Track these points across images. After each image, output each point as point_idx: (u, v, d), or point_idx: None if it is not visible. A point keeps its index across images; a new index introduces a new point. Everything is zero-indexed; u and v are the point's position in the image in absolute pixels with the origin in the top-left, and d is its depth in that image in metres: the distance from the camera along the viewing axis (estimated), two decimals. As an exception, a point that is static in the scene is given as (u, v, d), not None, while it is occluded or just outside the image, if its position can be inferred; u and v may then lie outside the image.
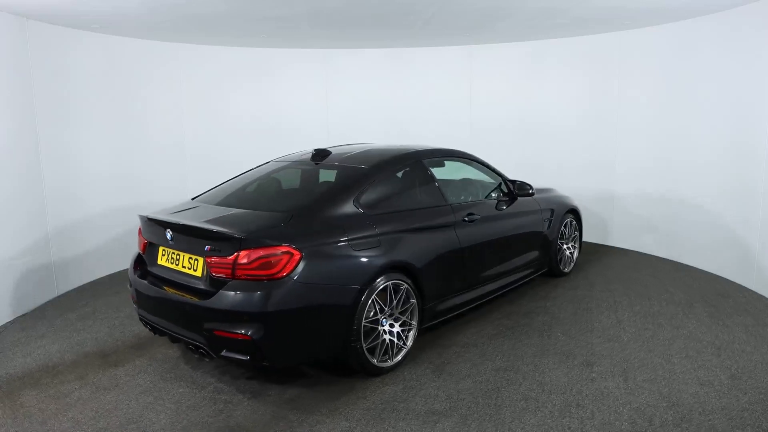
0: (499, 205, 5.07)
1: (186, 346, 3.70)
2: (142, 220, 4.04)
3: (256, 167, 4.94)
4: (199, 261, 3.58)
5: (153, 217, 3.92)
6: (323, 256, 3.55)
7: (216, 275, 3.46)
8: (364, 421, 3.30)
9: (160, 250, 3.90)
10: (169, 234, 3.74)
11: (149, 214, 4.03)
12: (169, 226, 3.75)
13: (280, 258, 3.38)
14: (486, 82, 7.76)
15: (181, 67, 7.08)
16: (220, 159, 7.22)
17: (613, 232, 7.26)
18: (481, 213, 4.75)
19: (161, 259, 3.88)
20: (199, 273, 3.59)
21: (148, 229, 3.99)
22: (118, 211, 6.37)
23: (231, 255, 3.38)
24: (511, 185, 5.28)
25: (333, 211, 3.81)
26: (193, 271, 3.63)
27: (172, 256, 3.79)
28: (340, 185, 4.14)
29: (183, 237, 3.69)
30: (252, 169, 4.92)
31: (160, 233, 3.81)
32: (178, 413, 3.45)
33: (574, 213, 6.09)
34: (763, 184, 5.17)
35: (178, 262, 3.74)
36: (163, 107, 6.94)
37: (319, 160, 4.58)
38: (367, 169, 4.21)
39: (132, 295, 4.09)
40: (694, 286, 5.61)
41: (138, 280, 3.95)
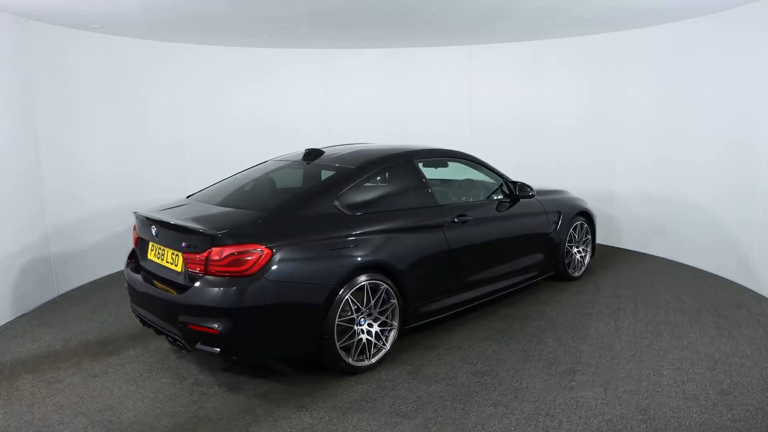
0: (499, 207, 5.02)
1: (166, 338, 3.82)
2: (136, 217, 4.18)
3: (252, 167, 4.98)
4: (179, 257, 3.67)
5: (142, 214, 4.05)
6: (296, 254, 3.60)
7: (191, 271, 3.56)
8: (327, 419, 3.32)
9: (149, 245, 4.02)
10: (154, 230, 3.87)
11: (141, 210, 4.15)
12: (154, 223, 3.87)
13: (251, 255, 3.43)
14: (486, 82, 7.76)
15: (181, 67, 7.09)
16: (220, 159, 7.22)
17: (613, 232, 7.26)
18: (476, 214, 4.71)
19: (150, 254, 4.00)
20: (179, 268, 3.68)
21: (140, 225, 4.12)
22: (118, 211, 6.37)
23: (204, 251, 3.47)
24: (512, 186, 5.19)
25: (310, 211, 3.86)
26: (174, 266, 3.73)
27: (159, 251, 3.90)
28: (321, 185, 4.20)
29: (166, 233, 3.80)
30: (248, 168, 4.97)
31: (149, 229, 3.94)
32: (154, 402, 3.56)
33: (586, 216, 5.91)
34: (763, 184, 5.17)
35: (163, 258, 3.85)
36: (163, 107, 6.94)
37: (310, 160, 4.61)
38: (352, 170, 4.23)
39: (125, 288, 4.24)
40: (710, 294, 5.33)
41: (131, 273, 4.10)
